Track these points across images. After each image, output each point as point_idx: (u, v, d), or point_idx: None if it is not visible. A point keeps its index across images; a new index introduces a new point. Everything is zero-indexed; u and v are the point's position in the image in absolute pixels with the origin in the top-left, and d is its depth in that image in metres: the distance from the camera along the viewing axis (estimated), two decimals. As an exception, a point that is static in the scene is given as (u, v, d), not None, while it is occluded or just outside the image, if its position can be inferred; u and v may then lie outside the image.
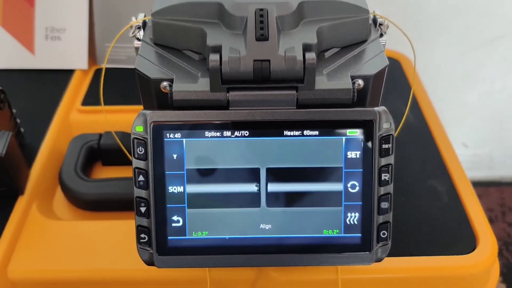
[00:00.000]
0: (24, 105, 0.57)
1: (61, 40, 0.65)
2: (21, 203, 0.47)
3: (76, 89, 0.62)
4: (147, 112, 0.33)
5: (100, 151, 0.52)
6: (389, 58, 0.66)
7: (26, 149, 0.52)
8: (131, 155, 0.42)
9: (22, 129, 0.53)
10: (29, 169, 0.50)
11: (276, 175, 0.34)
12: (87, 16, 0.64)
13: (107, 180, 0.50)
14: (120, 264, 0.42)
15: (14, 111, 0.52)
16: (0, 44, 0.64)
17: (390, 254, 0.36)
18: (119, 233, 0.45)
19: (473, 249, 0.43)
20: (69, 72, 0.64)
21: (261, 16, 0.32)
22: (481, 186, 1.06)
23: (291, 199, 0.34)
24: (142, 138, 0.33)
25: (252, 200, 0.34)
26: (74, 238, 0.45)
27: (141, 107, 0.56)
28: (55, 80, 0.63)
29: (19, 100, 0.55)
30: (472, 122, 1.00)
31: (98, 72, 0.65)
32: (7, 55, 0.65)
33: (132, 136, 0.33)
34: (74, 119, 0.58)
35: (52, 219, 0.47)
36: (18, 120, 0.53)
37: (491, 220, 1.00)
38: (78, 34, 0.64)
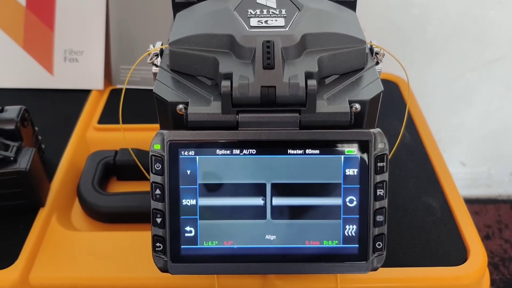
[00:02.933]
0: (44, 122, 0.59)
1: (78, 62, 0.68)
2: (42, 215, 0.49)
3: (93, 108, 0.64)
4: (165, 132, 0.36)
5: (115, 167, 0.55)
6: (388, 81, 0.71)
7: (46, 165, 0.55)
8: (145, 171, 0.45)
9: (43, 146, 0.56)
10: (50, 183, 0.53)
11: (281, 190, 0.37)
12: (103, 40, 0.67)
13: (122, 194, 0.52)
14: (133, 271, 0.45)
15: (36, 128, 0.55)
16: (21, 65, 0.68)
17: (387, 265, 0.38)
18: (132, 243, 0.47)
19: (464, 261, 0.45)
20: (86, 92, 0.67)
21: (268, 47, 0.35)
22: (479, 204, 1.08)
23: (294, 212, 0.37)
24: (159, 155, 0.36)
25: (258, 212, 0.37)
26: (91, 247, 0.47)
27: (154, 125, 0.60)
28: (73, 99, 0.66)
29: (39, 118, 0.57)
30: (470, 141, 1.02)
31: (113, 92, 0.68)
32: (28, 76, 0.68)
33: (151, 153, 0.36)
34: (91, 136, 0.61)
35: (70, 230, 0.50)
36: (40, 137, 0.56)
37: (488, 237, 1.02)
38: (94, 57, 0.68)
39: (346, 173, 0.36)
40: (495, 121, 0.99)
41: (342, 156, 0.36)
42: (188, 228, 0.37)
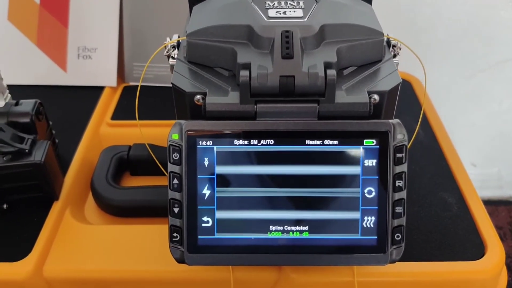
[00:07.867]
0: (57, 119, 0.59)
1: (92, 59, 0.68)
2: (55, 208, 0.49)
3: (106, 104, 0.65)
4: (183, 122, 0.36)
5: (129, 162, 0.55)
6: (401, 79, 0.70)
7: (60, 159, 0.55)
8: (161, 165, 0.45)
9: (56, 140, 0.57)
10: (64, 177, 0.53)
11: (298, 181, 0.36)
12: (116, 37, 0.68)
13: (135, 188, 0.52)
14: (146, 264, 0.45)
15: (50, 122, 0.55)
16: (35, 62, 0.68)
17: (404, 259, 0.38)
18: (145, 236, 0.47)
19: (482, 256, 0.45)
20: (99, 89, 0.67)
21: (287, 37, 0.35)
22: (490, 205, 1.07)
23: (312, 203, 0.37)
24: (177, 145, 0.36)
25: (275, 203, 0.37)
26: (103, 241, 0.47)
27: (166, 122, 0.60)
28: (86, 96, 0.66)
29: (53, 114, 0.57)
30: (481, 142, 1.02)
31: (126, 89, 0.69)
32: (41, 72, 0.68)
33: (169, 143, 0.36)
34: (104, 132, 0.61)
35: (84, 223, 0.50)
36: (53, 132, 0.56)
37: (500, 238, 1.01)
38: (108, 54, 0.68)
39: (365, 164, 0.36)
40: (505, 122, 0.98)
41: (361, 147, 0.36)
42: (205, 218, 0.37)
